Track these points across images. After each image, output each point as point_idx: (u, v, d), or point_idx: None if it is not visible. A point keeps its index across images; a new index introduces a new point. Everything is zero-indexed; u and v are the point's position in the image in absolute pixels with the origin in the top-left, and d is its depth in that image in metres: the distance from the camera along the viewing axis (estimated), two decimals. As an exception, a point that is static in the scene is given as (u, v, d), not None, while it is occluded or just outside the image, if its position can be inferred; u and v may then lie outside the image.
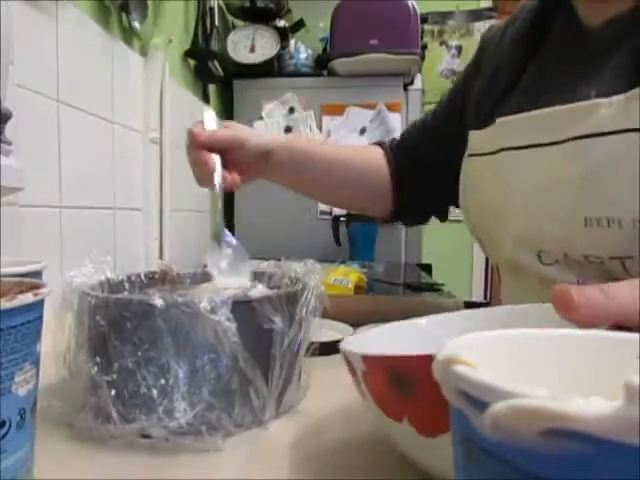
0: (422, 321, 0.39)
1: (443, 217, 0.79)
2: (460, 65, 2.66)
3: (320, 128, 1.76)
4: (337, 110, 1.76)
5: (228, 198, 1.86)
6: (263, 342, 0.37)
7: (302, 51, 1.80)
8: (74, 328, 0.37)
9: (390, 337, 0.37)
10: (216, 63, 1.60)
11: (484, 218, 0.59)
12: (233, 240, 0.53)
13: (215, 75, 1.63)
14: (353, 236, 1.65)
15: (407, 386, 0.26)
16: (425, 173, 0.72)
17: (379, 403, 0.28)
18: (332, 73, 1.74)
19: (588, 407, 0.11)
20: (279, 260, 0.49)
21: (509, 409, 0.12)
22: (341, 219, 1.66)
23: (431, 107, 0.76)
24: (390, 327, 0.38)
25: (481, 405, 0.13)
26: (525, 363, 0.19)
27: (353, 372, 0.30)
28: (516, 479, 0.13)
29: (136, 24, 1.14)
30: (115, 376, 0.34)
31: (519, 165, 0.51)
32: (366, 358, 0.28)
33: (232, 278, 0.47)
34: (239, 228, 1.81)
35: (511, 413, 0.12)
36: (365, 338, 0.36)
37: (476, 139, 0.58)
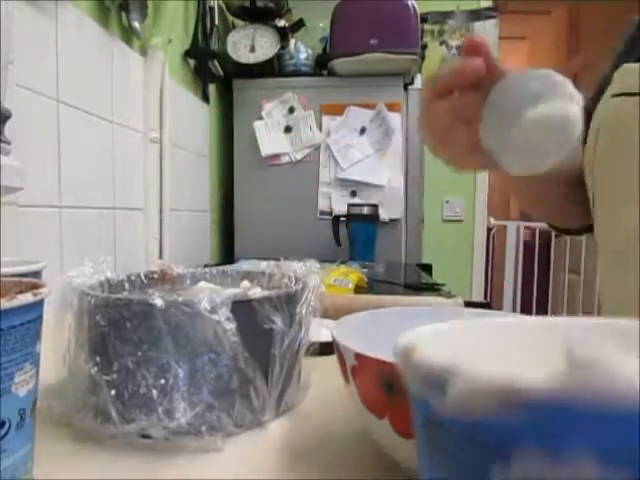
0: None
1: None
2: (460, 65, 2.65)
3: (320, 128, 1.76)
4: (337, 110, 1.76)
5: (228, 198, 1.86)
6: (263, 342, 0.37)
7: (302, 51, 1.80)
8: (74, 328, 0.37)
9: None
10: (216, 63, 1.61)
11: (624, 167, 0.49)
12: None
13: (215, 75, 1.63)
14: (353, 236, 1.64)
15: (394, 390, 0.27)
16: None
17: (363, 397, 0.29)
18: (332, 73, 1.74)
19: (535, 377, 0.12)
20: (279, 260, 0.49)
21: (465, 386, 0.13)
22: (341, 219, 1.66)
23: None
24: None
25: (440, 386, 0.14)
26: (477, 350, 0.20)
27: (342, 362, 0.31)
28: (476, 452, 0.14)
29: (136, 24, 1.14)
30: (115, 376, 0.34)
31: None
32: (359, 356, 0.28)
33: None
34: (239, 228, 1.81)
35: (468, 390, 0.13)
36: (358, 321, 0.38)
37: (631, 74, 0.48)
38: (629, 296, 0.48)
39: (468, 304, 0.73)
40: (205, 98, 1.70)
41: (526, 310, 2.89)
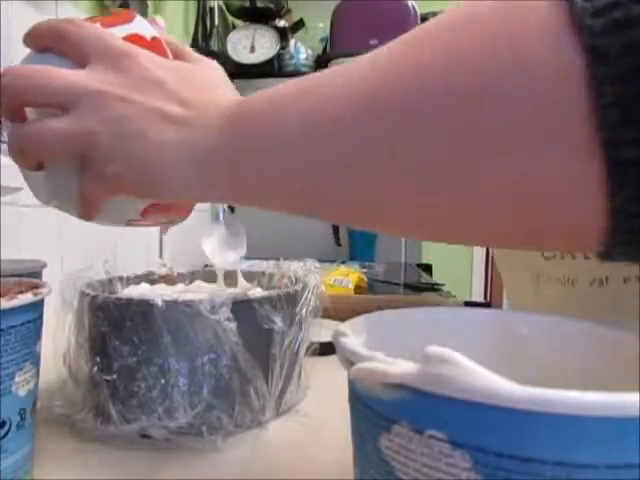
0: None
1: None
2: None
3: (320, 128, 1.76)
4: (337, 110, 1.75)
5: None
6: (263, 342, 0.37)
7: (302, 51, 1.80)
8: (74, 328, 0.37)
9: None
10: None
11: None
12: (228, 216, 0.50)
13: (215, 75, 1.63)
14: (353, 236, 1.64)
15: None
16: None
17: None
18: (332, 73, 1.74)
19: (403, 367, 0.16)
20: (279, 260, 0.49)
21: (358, 368, 0.18)
22: (341, 219, 1.66)
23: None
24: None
25: (350, 364, 0.19)
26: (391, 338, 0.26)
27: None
28: (374, 420, 0.18)
29: (136, 24, 1.14)
30: (115, 376, 0.34)
31: None
32: None
33: (226, 253, 0.46)
34: (239, 228, 1.81)
35: (360, 371, 0.18)
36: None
37: None
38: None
39: (468, 304, 0.73)
40: (205, 98, 1.70)
41: (526, 310, 2.88)
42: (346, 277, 0.93)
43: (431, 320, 0.27)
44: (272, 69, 1.76)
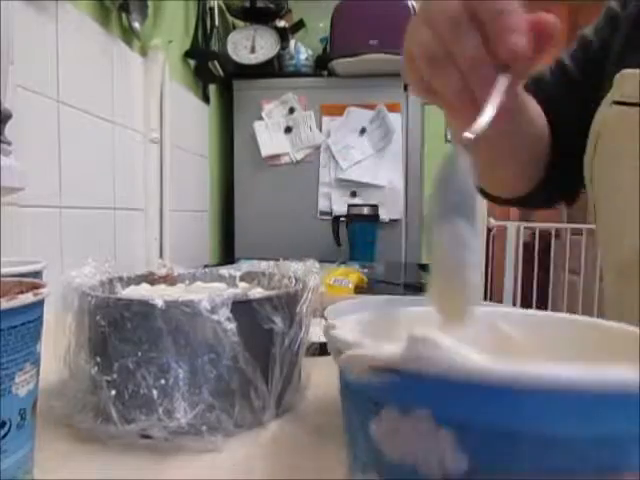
0: None
1: (571, 198, 0.64)
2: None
3: (320, 128, 1.76)
4: (337, 110, 1.75)
5: (228, 198, 1.86)
6: (263, 342, 0.37)
7: (302, 51, 1.80)
8: (74, 328, 0.37)
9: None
10: (216, 63, 1.61)
11: (618, 185, 0.47)
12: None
13: (215, 75, 1.63)
14: (353, 236, 1.64)
15: None
16: (562, 132, 0.56)
17: None
18: (332, 73, 1.74)
19: (387, 350, 0.17)
20: (279, 260, 0.49)
21: (346, 355, 0.19)
22: (341, 219, 1.66)
23: (431, 107, 0.74)
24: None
25: (339, 353, 0.19)
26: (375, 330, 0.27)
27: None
28: (364, 406, 0.18)
29: (136, 24, 1.14)
30: (115, 376, 0.34)
31: None
32: None
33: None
34: (239, 228, 1.81)
35: (348, 359, 0.19)
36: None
37: (631, 82, 0.46)
38: (630, 308, 0.48)
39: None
40: (205, 98, 1.70)
41: (526, 310, 2.88)
42: (346, 277, 0.93)
43: (427, 319, 0.27)
44: (272, 69, 1.76)
